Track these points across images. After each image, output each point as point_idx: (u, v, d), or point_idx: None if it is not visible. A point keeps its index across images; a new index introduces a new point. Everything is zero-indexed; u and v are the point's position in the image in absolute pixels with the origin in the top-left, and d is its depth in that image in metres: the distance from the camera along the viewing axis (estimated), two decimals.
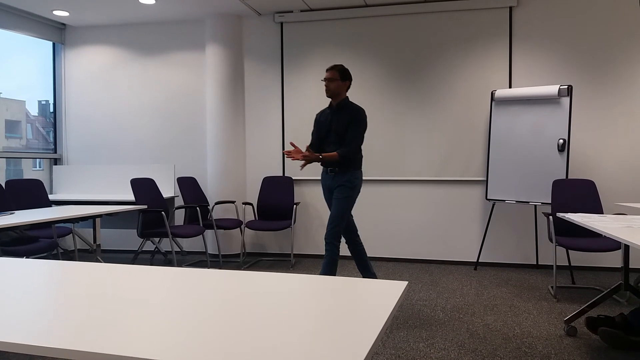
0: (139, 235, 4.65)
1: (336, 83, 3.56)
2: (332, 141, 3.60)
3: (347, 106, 3.61)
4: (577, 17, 4.95)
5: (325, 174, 3.68)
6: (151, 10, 5.52)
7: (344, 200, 3.54)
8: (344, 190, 3.55)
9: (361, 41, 5.44)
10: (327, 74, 3.58)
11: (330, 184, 3.64)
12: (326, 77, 3.57)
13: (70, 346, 0.93)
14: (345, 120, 3.55)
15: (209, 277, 1.49)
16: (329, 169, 3.63)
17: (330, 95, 3.60)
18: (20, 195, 4.65)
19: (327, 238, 3.52)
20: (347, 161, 3.54)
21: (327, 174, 3.65)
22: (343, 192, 3.55)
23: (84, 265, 1.69)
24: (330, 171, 3.61)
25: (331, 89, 3.57)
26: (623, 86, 4.87)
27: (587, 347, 2.87)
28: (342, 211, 3.53)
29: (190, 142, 5.94)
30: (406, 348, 2.89)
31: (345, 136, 3.53)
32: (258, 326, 1.04)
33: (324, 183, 3.71)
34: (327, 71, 3.59)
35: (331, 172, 3.61)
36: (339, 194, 3.55)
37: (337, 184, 3.57)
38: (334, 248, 3.50)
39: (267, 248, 5.78)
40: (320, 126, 3.71)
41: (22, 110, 6.10)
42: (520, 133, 4.74)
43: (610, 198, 4.88)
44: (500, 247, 5.17)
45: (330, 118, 3.62)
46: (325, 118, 3.68)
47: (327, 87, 3.58)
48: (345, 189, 3.55)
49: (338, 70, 3.55)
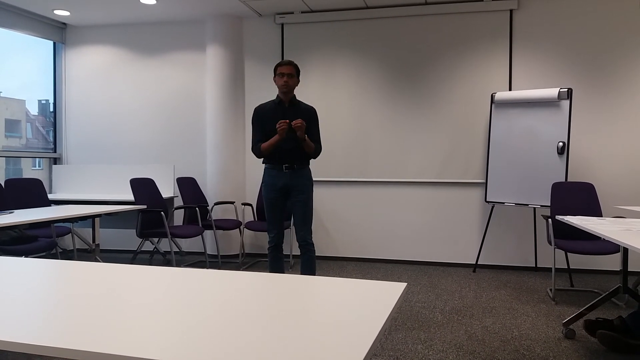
0: (138, 235, 4.64)
1: (294, 79, 3.44)
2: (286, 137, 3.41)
3: (299, 103, 3.52)
4: (577, 20, 4.96)
5: (278, 172, 3.45)
6: (152, 10, 5.52)
7: (310, 199, 3.50)
8: (308, 189, 3.48)
9: (361, 43, 5.44)
10: (284, 68, 3.39)
11: (286, 182, 3.45)
12: (285, 71, 3.38)
13: (69, 345, 0.93)
14: (303, 117, 3.44)
15: (207, 278, 1.49)
16: (284, 166, 3.43)
17: (288, 90, 3.43)
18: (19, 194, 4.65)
19: (308, 239, 3.48)
20: (309, 157, 3.51)
21: (282, 172, 3.44)
22: (308, 191, 3.48)
23: (82, 265, 1.69)
24: (287, 168, 3.43)
25: (290, 85, 3.42)
26: (623, 89, 4.88)
27: (586, 350, 2.88)
28: (311, 209, 3.52)
29: (190, 143, 5.94)
30: (404, 350, 2.89)
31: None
32: (256, 327, 1.04)
33: (277, 182, 3.46)
34: (283, 66, 3.40)
35: (288, 170, 3.43)
36: (304, 193, 3.46)
37: (297, 182, 3.45)
38: (314, 246, 3.52)
39: (266, 249, 5.77)
40: (266, 121, 3.46)
41: (22, 110, 6.10)
42: (520, 135, 4.74)
43: (610, 201, 4.88)
44: (500, 250, 5.17)
45: (283, 114, 3.44)
46: (274, 113, 3.45)
47: (286, 82, 3.39)
48: (308, 187, 3.49)
49: (294, 66, 3.44)
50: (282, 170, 3.45)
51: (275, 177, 3.47)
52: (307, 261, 3.50)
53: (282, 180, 3.46)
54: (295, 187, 3.46)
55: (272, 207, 3.52)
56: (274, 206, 3.52)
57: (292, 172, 3.45)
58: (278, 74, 3.43)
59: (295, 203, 3.48)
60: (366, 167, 5.44)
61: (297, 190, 3.46)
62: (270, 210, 3.54)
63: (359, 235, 5.51)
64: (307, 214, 3.48)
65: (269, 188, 3.50)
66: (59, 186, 6.05)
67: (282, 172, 3.46)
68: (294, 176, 3.46)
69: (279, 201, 3.52)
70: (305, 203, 3.47)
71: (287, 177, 3.46)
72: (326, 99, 5.51)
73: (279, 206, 3.53)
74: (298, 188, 3.46)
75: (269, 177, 3.50)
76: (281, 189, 3.48)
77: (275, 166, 3.47)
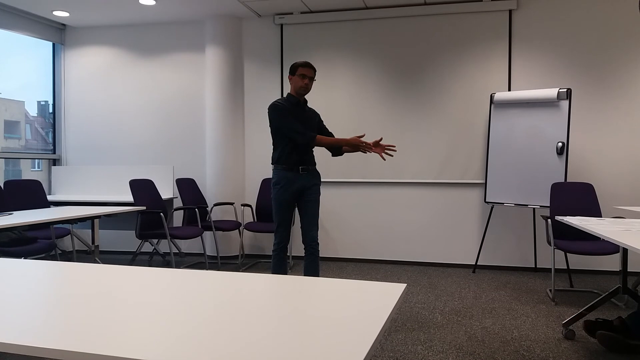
0: (138, 237, 4.64)
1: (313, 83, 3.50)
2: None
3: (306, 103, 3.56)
4: (576, 21, 4.96)
5: (295, 173, 3.39)
6: (151, 11, 5.52)
7: (318, 200, 3.50)
8: (319, 189, 3.49)
9: (361, 43, 5.44)
10: (311, 72, 3.39)
11: (304, 183, 3.41)
12: (310, 75, 3.39)
13: (68, 347, 0.92)
14: (316, 119, 3.55)
15: (207, 279, 1.49)
16: (301, 168, 3.39)
17: (307, 93, 3.46)
18: (18, 195, 4.65)
19: (315, 239, 3.46)
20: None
21: (299, 173, 3.39)
22: (319, 191, 3.49)
23: (82, 266, 1.68)
24: (303, 170, 3.39)
25: (310, 88, 3.44)
26: (622, 89, 4.88)
27: (585, 351, 2.87)
28: (318, 210, 3.52)
29: (189, 144, 5.94)
30: (404, 351, 2.89)
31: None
32: (256, 328, 1.04)
33: (292, 184, 3.39)
34: (308, 68, 3.39)
35: (304, 171, 3.40)
36: (316, 194, 3.46)
37: (312, 183, 3.45)
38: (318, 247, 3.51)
39: (265, 250, 5.77)
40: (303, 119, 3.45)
41: (21, 111, 6.10)
42: (519, 136, 4.74)
43: (609, 201, 4.88)
44: (499, 250, 5.17)
45: (302, 114, 3.45)
46: (295, 112, 3.42)
47: (307, 85, 3.39)
48: (319, 187, 3.50)
49: (315, 70, 3.46)
50: (298, 172, 3.40)
51: (291, 179, 3.39)
52: (313, 262, 3.45)
53: (298, 181, 3.40)
54: (309, 188, 3.45)
55: (286, 208, 3.45)
56: (287, 208, 3.45)
57: (308, 173, 3.44)
58: (299, 74, 3.37)
59: (308, 203, 3.44)
60: (365, 167, 5.44)
61: (311, 191, 3.45)
62: (284, 212, 3.45)
63: (359, 236, 5.51)
64: (317, 214, 3.50)
65: (283, 190, 3.40)
66: (58, 187, 6.05)
67: (298, 173, 3.40)
68: (309, 177, 3.44)
69: (292, 203, 3.47)
70: (317, 202, 3.48)
71: (303, 179, 3.42)
72: (325, 99, 5.50)
73: (292, 208, 3.48)
74: (312, 188, 3.46)
75: (284, 179, 3.40)
76: (296, 190, 3.41)
77: (292, 167, 3.40)
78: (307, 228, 3.45)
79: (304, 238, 3.47)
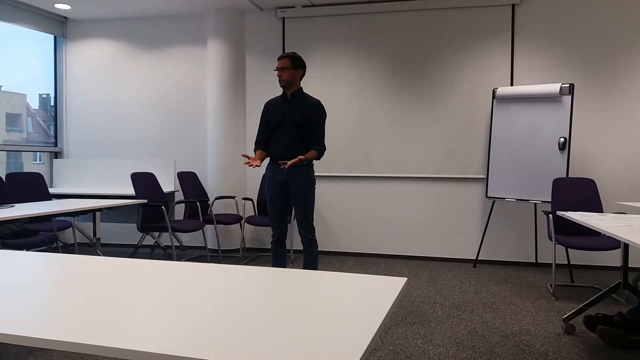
0: (139, 230, 4.65)
1: (289, 72, 3.38)
2: (285, 131, 3.41)
3: (303, 97, 3.46)
4: (579, 16, 4.94)
5: (277, 168, 3.43)
6: (153, 4, 5.50)
7: (311, 196, 3.47)
8: (305, 186, 3.43)
9: (363, 37, 5.42)
10: (278, 62, 3.38)
11: (284, 178, 3.43)
12: (278, 66, 3.37)
13: (69, 338, 0.93)
14: (302, 111, 3.41)
15: (208, 272, 1.49)
16: (281, 163, 3.36)
17: (284, 85, 3.41)
18: (20, 188, 4.66)
19: (309, 236, 3.48)
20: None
21: (280, 168, 3.41)
22: (305, 188, 3.43)
23: (83, 259, 1.69)
24: (283, 164, 3.31)
25: (284, 79, 3.39)
26: (625, 85, 4.86)
27: (585, 346, 2.88)
28: (312, 206, 3.51)
29: (190, 137, 5.94)
30: (404, 344, 2.89)
31: (300, 127, 3.39)
32: (256, 321, 1.04)
33: (274, 178, 3.46)
34: (278, 60, 3.39)
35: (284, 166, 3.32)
36: (305, 190, 3.43)
37: (294, 179, 3.41)
38: (316, 242, 3.52)
39: (266, 243, 5.78)
40: (270, 116, 3.49)
41: (23, 104, 6.10)
42: (521, 131, 4.73)
43: (610, 197, 4.88)
44: (500, 245, 5.17)
45: (284, 107, 3.44)
46: (276, 108, 3.47)
47: (280, 76, 3.38)
48: (305, 184, 3.43)
49: (289, 57, 3.39)
50: (280, 167, 3.41)
51: (275, 171, 3.47)
52: (309, 256, 3.51)
53: (280, 175, 3.45)
54: (292, 184, 3.44)
55: (273, 201, 3.53)
56: (274, 200, 3.52)
57: (289, 169, 3.38)
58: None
59: (295, 201, 3.48)
60: (367, 162, 5.44)
61: (295, 188, 3.44)
62: (271, 205, 3.54)
63: (360, 230, 5.51)
64: (306, 212, 3.46)
65: (269, 182, 3.51)
66: (60, 180, 6.06)
67: (280, 168, 3.41)
68: (291, 173, 3.41)
69: (280, 195, 3.51)
70: (303, 201, 3.44)
71: (284, 173, 3.43)
72: (327, 93, 5.49)
73: (280, 201, 3.52)
74: (295, 185, 3.44)
75: (270, 171, 3.52)
76: (281, 183, 3.48)
77: (276, 163, 3.46)
78: (298, 225, 3.54)
79: (299, 233, 3.55)
